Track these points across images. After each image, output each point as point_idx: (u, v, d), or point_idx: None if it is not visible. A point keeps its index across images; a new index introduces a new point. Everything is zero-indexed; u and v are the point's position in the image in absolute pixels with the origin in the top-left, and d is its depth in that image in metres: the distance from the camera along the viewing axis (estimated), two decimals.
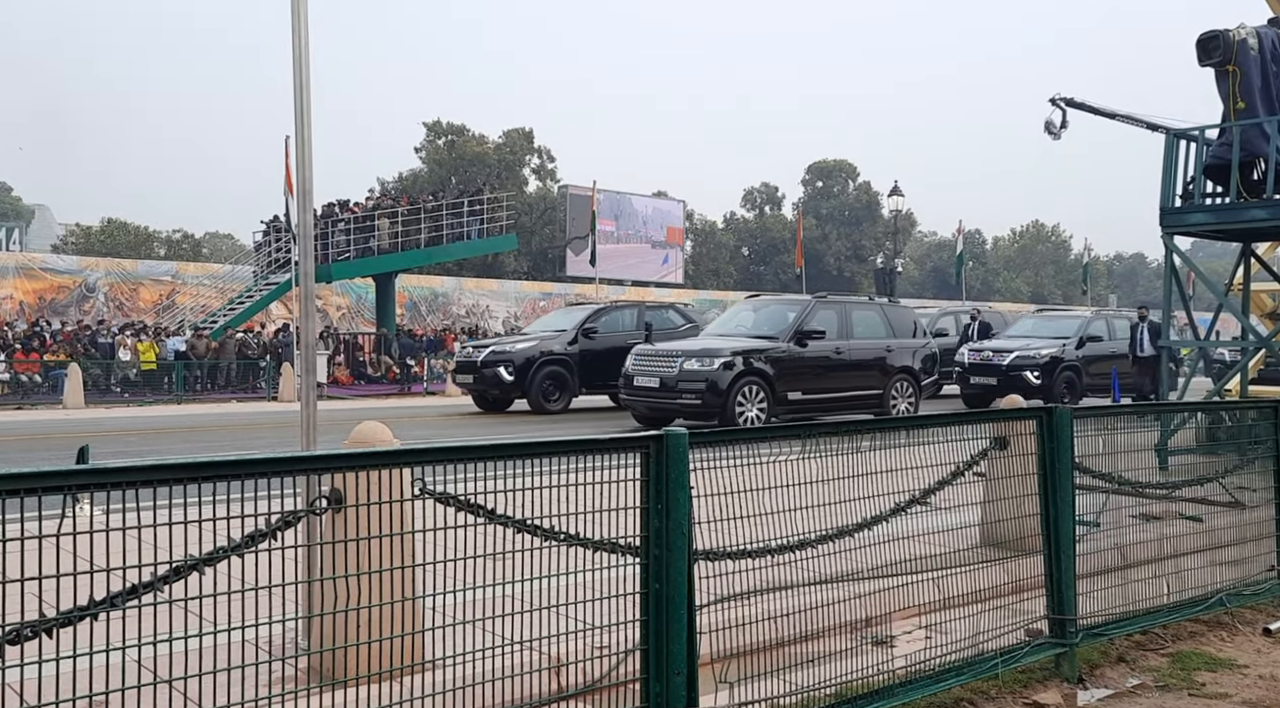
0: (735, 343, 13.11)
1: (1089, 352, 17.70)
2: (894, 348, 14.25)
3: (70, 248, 46.85)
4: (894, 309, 15.30)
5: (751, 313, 14.51)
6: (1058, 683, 3.96)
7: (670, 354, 12.91)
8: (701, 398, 12.31)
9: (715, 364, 12.46)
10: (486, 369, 16.30)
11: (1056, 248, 78.35)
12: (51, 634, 2.01)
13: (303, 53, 3.89)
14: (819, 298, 14.27)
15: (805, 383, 13.13)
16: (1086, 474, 4.32)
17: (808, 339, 13.17)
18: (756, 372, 12.59)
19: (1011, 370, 16.98)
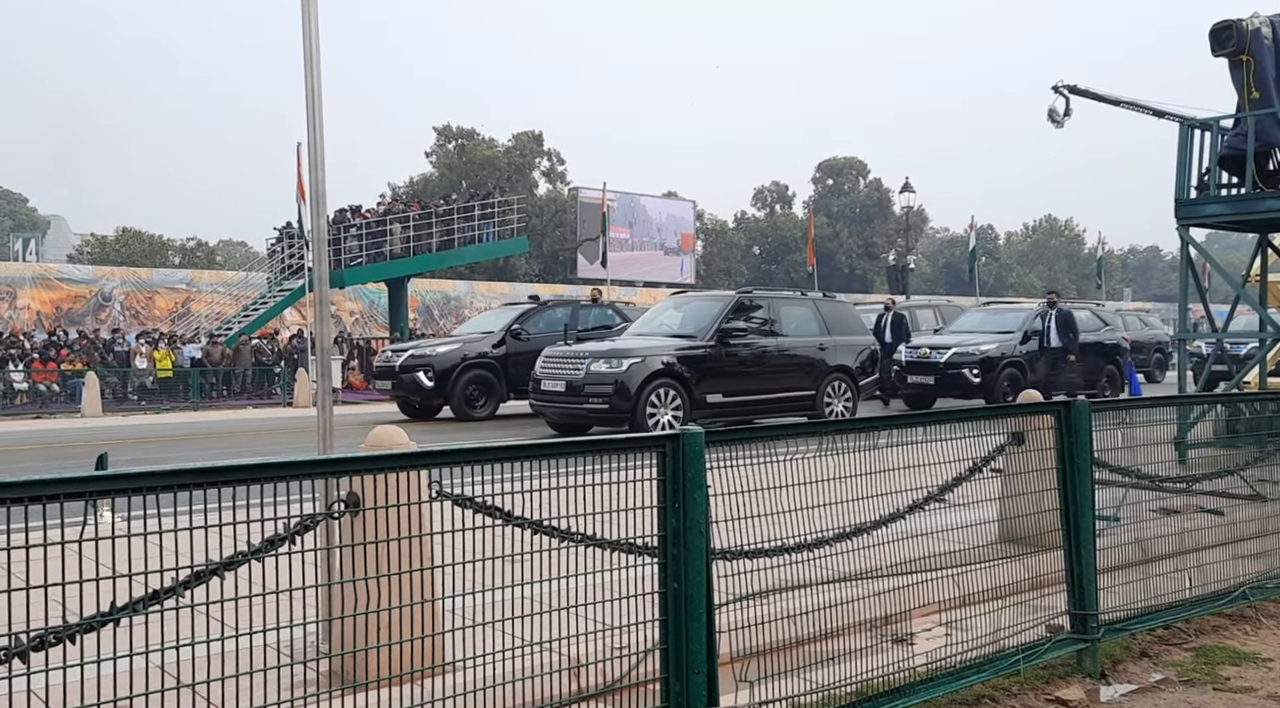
0: (649, 342, 12.32)
1: (1035, 346, 16.57)
2: (829, 346, 13.38)
3: (86, 258, 47.22)
4: (830, 305, 14.39)
5: (675, 311, 13.61)
6: (1080, 679, 3.93)
7: (578, 355, 12.05)
8: (608, 402, 11.45)
9: (624, 365, 11.58)
10: (405, 374, 15.38)
11: (1070, 242, 77.95)
12: (75, 640, 2.02)
13: (314, 59, 3.90)
14: (744, 293, 13.39)
15: (727, 384, 12.28)
16: (1105, 468, 4.29)
17: (730, 337, 12.36)
18: (670, 373, 11.76)
19: (949, 368, 15.84)
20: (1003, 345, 16.11)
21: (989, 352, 15.99)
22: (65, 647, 2.01)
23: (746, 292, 13.57)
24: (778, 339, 12.94)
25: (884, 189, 64.44)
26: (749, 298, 13.14)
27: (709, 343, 12.22)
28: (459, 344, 15.67)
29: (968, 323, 17.93)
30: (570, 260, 46.99)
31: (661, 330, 12.97)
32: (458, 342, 15.92)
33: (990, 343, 16.16)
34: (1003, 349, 16.05)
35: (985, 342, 16.21)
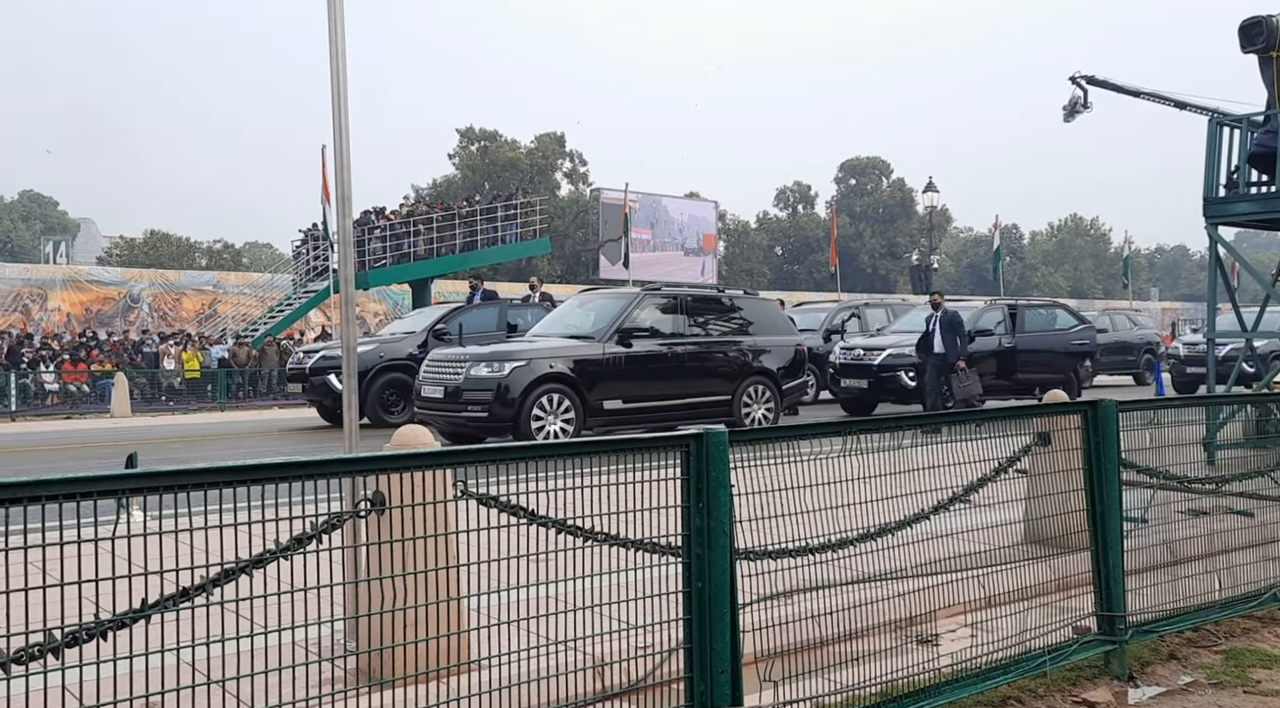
0: (541, 343, 11.43)
1: (980, 347, 15.07)
2: (749, 347, 12.33)
3: (115, 260, 47.83)
4: (753, 303, 13.28)
5: (579, 309, 12.58)
6: (1108, 681, 3.90)
7: (459, 359, 11.02)
8: (488, 409, 10.48)
9: (506, 369, 10.57)
10: (315, 377, 14.51)
11: (1096, 241, 77.25)
12: (106, 636, 2.05)
13: (339, 62, 3.94)
14: (650, 290, 12.32)
15: (628, 389, 11.22)
16: (1132, 469, 4.25)
17: (633, 338, 11.29)
18: (560, 377, 10.74)
19: (883, 371, 14.73)
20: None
21: None
22: (98, 643, 2.04)
23: (654, 288, 12.56)
24: (689, 340, 11.89)
25: (907, 189, 64.14)
26: (657, 295, 12.17)
27: (607, 344, 11.18)
28: (375, 345, 14.76)
29: (912, 321, 16.51)
30: (592, 261, 47.07)
31: (561, 330, 12.00)
32: (374, 342, 15.05)
33: None
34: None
35: None
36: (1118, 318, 25.32)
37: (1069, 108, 12.59)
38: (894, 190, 65.61)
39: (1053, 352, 15.94)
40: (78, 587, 2.02)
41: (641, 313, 11.65)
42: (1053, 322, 16.45)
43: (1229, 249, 9.74)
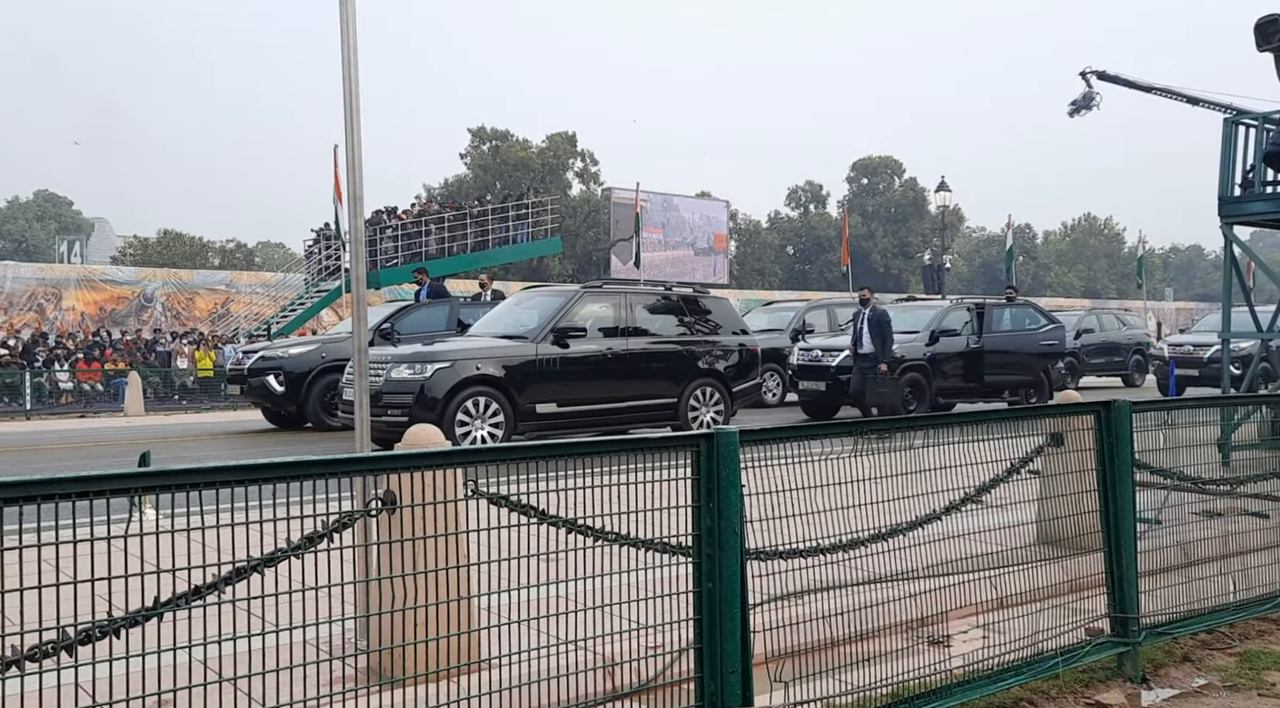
0: (469, 344, 10.88)
1: (944, 348, 14.42)
2: (696, 348, 11.79)
3: (128, 259, 48.14)
4: (702, 301, 12.65)
5: (516, 308, 12.02)
6: (1120, 683, 3.88)
7: (380, 360, 10.44)
8: (409, 413, 9.85)
9: (428, 371, 10.05)
10: (253, 378, 13.79)
11: (1110, 241, 76.91)
12: (120, 634, 2.06)
13: (351, 60, 3.95)
14: (590, 288, 11.82)
15: (563, 392, 10.70)
16: (1146, 470, 4.23)
17: (569, 338, 10.75)
18: (488, 380, 10.17)
19: (841, 372, 13.94)
20: (904, 346, 14.00)
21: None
22: (110, 641, 2.05)
23: (594, 286, 12.08)
24: (631, 340, 11.28)
25: (919, 188, 63.97)
26: (598, 293, 11.64)
27: (541, 344, 10.65)
28: (317, 345, 14.12)
29: None
30: (603, 261, 47.10)
31: (496, 330, 11.42)
32: (315, 343, 14.45)
33: None
34: (904, 351, 13.93)
35: None
36: (1105, 317, 24.80)
37: (1078, 103, 12.39)
38: (906, 190, 65.44)
39: (1022, 353, 15.31)
40: (90, 585, 2.03)
41: (580, 312, 11.10)
42: (1022, 321, 15.77)
43: (1244, 249, 9.68)
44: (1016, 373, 15.10)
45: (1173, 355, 18.93)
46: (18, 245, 61.75)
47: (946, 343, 14.45)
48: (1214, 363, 17.76)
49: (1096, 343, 23.17)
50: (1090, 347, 23.03)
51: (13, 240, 63.23)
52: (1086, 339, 23.08)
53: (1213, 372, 17.56)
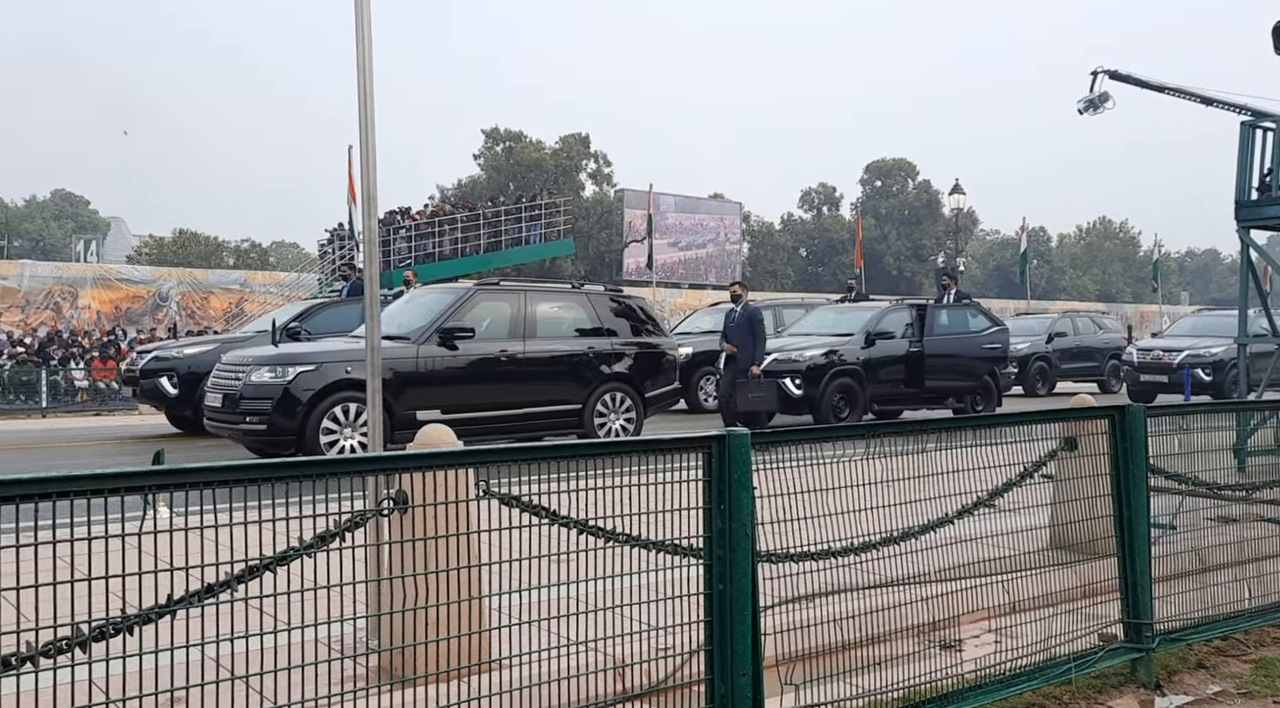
0: (340, 345, 10.13)
1: (885, 352, 13.57)
2: (606, 350, 10.91)
3: (144, 258, 48.47)
4: (614, 300, 11.63)
5: (405, 305, 11.12)
6: (1134, 689, 3.85)
7: (243, 363, 9.67)
8: (267, 421, 9.11)
9: (290, 374, 9.20)
10: (145, 380, 12.86)
11: (1125, 245, 76.50)
12: (133, 632, 2.07)
13: (366, 61, 3.96)
14: (485, 284, 11.03)
15: (449, 398, 9.82)
16: (1160, 476, 4.20)
17: (457, 339, 9.91)
18: (359, 384, 9.00)
19: (767, 377, 12.83)
20: (834, 351, 13.17)
21: (814, 358, 13.05)
22: (124, 638, 2.06)
23: (490, 283, 11.21)
24: (530, 342, 10.43)
25: (933, 191, 63.75)
26: (493, 291, 10.77)
27: (425, 345, 9.81)
28: (214, 345, 13.09)
29: (808, 324, 15.15)
30: (616, 262, 47.14)
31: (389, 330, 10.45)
32: (214, 343, 13.53)
33: (817, 348, 13.26)
34: (835, 355, 13.09)
35: (812, 346, 13.39)
36: (1080, 320, 23.72)
37: (1089, 103, 12.25)
38: (920, 192, 65.23)
39: (964, 356, 14.32)
40: (105, 582, 2.04)
41: (471, 311, 10.25)
42: (964, 323, 14.77)
43: (1261, 253, 9.61)
44: (960, 378, 14.19)
45: (1143, 362, 18.30)
46: (35, 244, 62.22)
47: (885, 346, 13.61)
48: (1181, 369, 17.29)
49: (1069, 347, 22.30)
50: (1064, 351, 22.18)
51: (30, 239, 63.73)
52: (1060, 343, 22.24)
53: (1182, 378, 17.04)
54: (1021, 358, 21.15)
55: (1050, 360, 21.72)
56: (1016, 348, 21.61)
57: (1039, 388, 21.50)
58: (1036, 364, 21.55)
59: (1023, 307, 31.93)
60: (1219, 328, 18.40)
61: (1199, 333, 18.88)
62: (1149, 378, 18.12)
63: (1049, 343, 21.83)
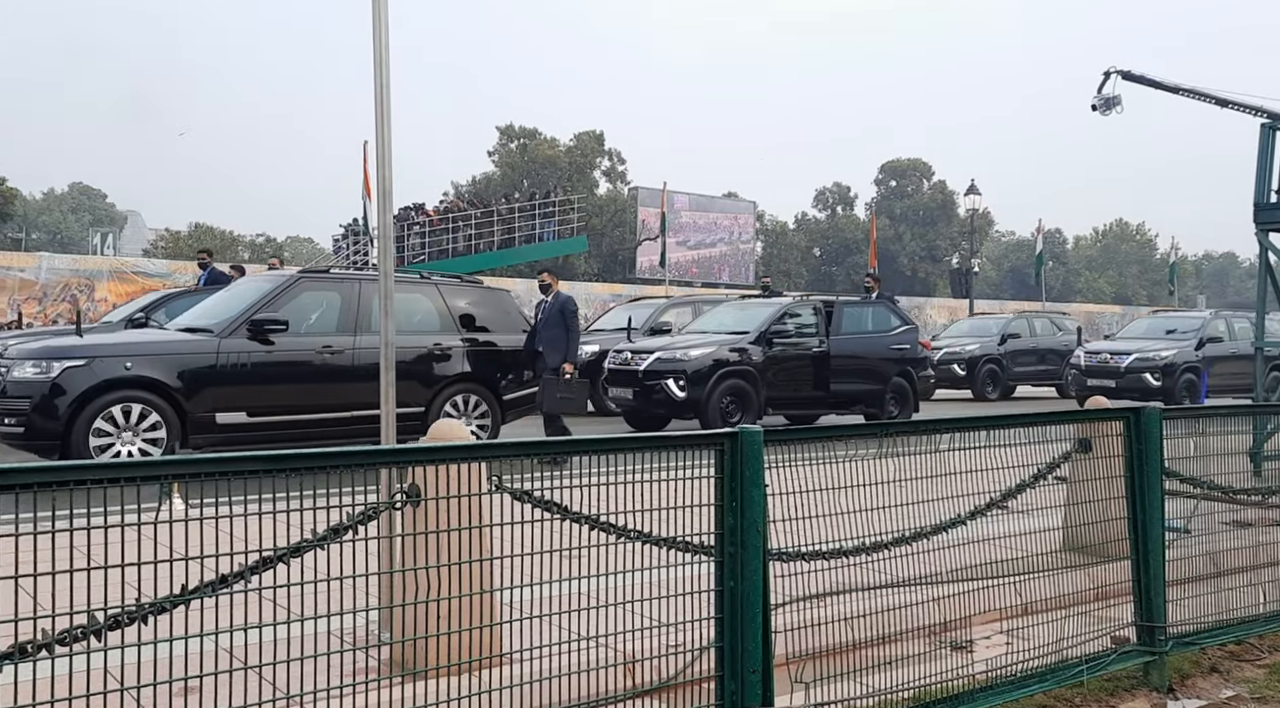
0: (125, 337, 9.17)
1: (779, 352, 12.58)
2: (455, 348, 9.97)
3: (160, 252, 48.79)
4: (468, 292, 10.63)
5: (225, 296, 10.10)
6: (1146, 692, 3.83)
7: (15, 357, 8.63)
8: (25, 422, 8.04)
9: (55, 370, 8.06)
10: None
11: (1141, 247, 76.05)
12: (147, 621, 2.08)
13: (383, 57, 3.98)
14: (312, 274, 10.01)
15: (256, 398, 8.78)
16: (1175, 479, 4.18)
17: (270, 333, 8.84)
18: (144, 382, 8.22)
19: (649, 378, 12.09)
20: (723, 349, 12.21)
21: (700, 358, 12.00)
22: (139, 627, 2.07)
23: (318, 272, 10.16)
24: (360, 337, 9.33)
25: (948, 191, 63.47)
26: (320, 280, 9.69)
27: (230, 339, 8.75)
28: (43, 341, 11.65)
29: (706, 322, 14.04)
30: (629, 260, 47.14)
31: (185, 322, 9.62)
32: (47, 334, 12.17)
33: (706, 346, 12.25)
34: (720, 354, 12.10)
35: (702, 344, 12.38)
36: (1038, 321, 22.67)
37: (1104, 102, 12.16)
38: (935, 193, 64.96)
39: (873, 357, 13.28)
40: (120, 571, 2.06)
41: (291, 302, 9.21)
42: (873, 322, 13.68)
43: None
44: (868, 381, 13.18)
45: (1090, 365, 17.62)
46: (53, 237, 62.68)
47: (783, 345, 12.60)
48: (1131, 373, 16.83)
49: (1024, 348, 21.28)
50: (1018, 353, 21.18)
51: (48, 232, 64.22)
52: (1014, 345, 21.25)
53: (1130, 383, 16.70)
54: (970, 359, 20.58)
55: (1002, 363, 20.91)
56: (965, 349, 20.86)
57: (989, 391, 20.69)
58: (987, 367, 20.76)
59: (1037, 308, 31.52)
60: (1175, 330, 18.21)
61: (1153, 335, 18.43)
62: (1096, 382, 16.99)
63: (1002, 344, 21.04)
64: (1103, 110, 12.31)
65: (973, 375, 20.59)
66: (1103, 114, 12.35)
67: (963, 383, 20.61)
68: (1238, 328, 18.60)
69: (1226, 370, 17.57)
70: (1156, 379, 16.86)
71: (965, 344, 21.25)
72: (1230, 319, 19.08)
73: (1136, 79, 11.96)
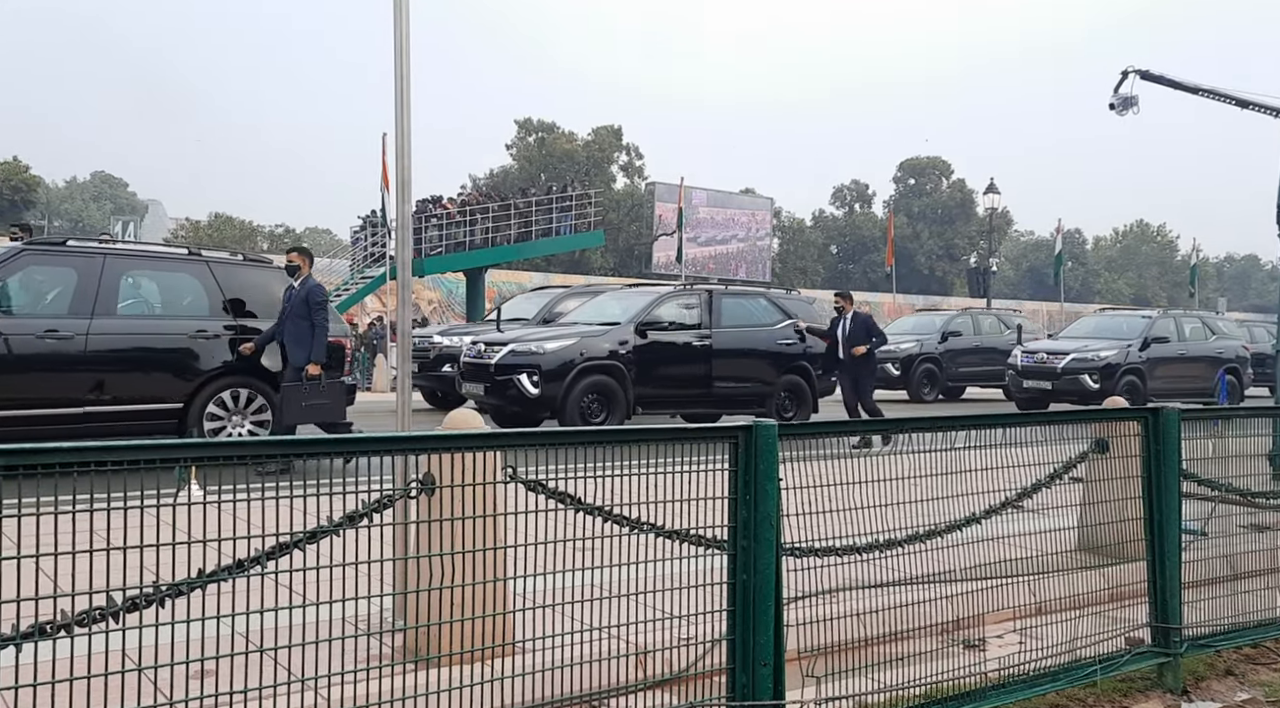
0: None
1: (653, 346, 11.41)
2: (217, 335, 8.67)
3: (180, 241, 49.06)
4: (243, 273, 9.24)
5: None
6: (1160, 694, 3.81)
7: None
8: None
9: None
10: None
11: (1162, 248, 75.42)
12: (164, 604, 2.11)
13: (403, 48, 3.99)
14: (42, 244, 8.79)
15: None
16: (1192, 480, 4.15)
17: None
18: None
19: (500, 373, 11.13)
20: (587, 341, 11.19)
21: (557, 351, 11.02)
22: (156, 609, 2.09)
23: (54, 243, 8.80)
24: (99, 320, 8.10)
25: (967, 190, 63.13)
26: (50, 253, 8.38)
27: None
28: None
29: (583, 313, 12.91)
30: (646, 255, 47.10)
31: None
32: None
33: (567, 338, 11.28)
34: (582, 347, 11.08)
35: (562, 335, 11.45)
36: (985, 319, 21.54)
37: (1123, 101, 12.07)
38: (954, 191, 64.60)
39: (759, 353, 12.18)
40: (140, 553, 2.08)
41: (11, 279, 7.99)
42: (759, 316, 12.49)
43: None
44: (755, 380, 12.18)
45: (1027, 366, 16.71)
46: (74, 225, 63.16)
47: (658, 338, 11.54)
48: (1068, 374, 16.00)
49: (968, 348, 20.18)
50: (959, 352, 20.08)
51: (70, 220, 64.72)
52: (955, 343, 20.18)
53: (1066, 385, 15.95)
54: (905, 359, 19.47)
55: (940, 362, 19.81)
56: (899, 347, 19.48)
57: (925, 393, 19.63)
58: (923, 366, 19.65)
59: (1056, 309, 30.82)
60: (1120, 330, 17.32)
61: (1098, 334, 17.44)
62: (1032, 384, 16.50)
63: (942, 342, 19.98)
64: (1120, 110, 12.23)
65: (908, 375, 19.47)
66: (1119, 114, 12.27)
67: (897, 383, 19.42)
68: (1189, 329, 17.86)
69: (1173, 373, 16.86)
70: (1095, 381, 15.92)
71: (900, 342, 19.80)
72: (1180, 319, 18.22)
73: (1155, 79, 11.86)
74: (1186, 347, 17.42)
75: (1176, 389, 16.68)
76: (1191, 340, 17.67)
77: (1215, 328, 18.65)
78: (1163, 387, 16.52)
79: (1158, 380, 16.55)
